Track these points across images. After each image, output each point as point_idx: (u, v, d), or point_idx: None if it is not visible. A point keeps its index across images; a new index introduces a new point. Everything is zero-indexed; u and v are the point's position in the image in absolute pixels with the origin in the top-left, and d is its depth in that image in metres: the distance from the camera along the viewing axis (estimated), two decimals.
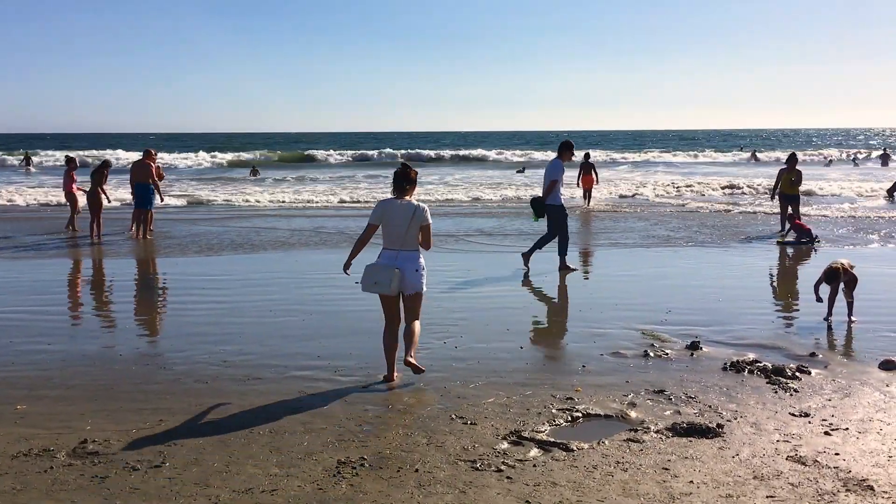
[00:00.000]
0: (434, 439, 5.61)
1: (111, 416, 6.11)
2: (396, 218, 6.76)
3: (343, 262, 7.12)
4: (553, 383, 6.89)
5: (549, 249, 12.71)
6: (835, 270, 8.76)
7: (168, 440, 5.61)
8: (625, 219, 20.75)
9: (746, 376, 7.07)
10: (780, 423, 5.93)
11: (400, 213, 6.75)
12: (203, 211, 23.68)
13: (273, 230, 18.44)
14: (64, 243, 16.56)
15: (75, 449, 5.43)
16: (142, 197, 17.13)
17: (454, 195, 28.46)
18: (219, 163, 50.78)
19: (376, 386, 6.89)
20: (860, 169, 45.33)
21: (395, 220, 6.77)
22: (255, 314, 9.67)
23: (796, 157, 18.04)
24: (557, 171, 12.51)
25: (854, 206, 23.87)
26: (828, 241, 16.02)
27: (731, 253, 14.93)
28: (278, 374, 7.23)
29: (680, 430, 5.75)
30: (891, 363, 7.38)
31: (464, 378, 7.04)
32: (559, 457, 5.30)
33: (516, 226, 19.19)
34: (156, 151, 18.99)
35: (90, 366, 7.57)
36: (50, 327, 9.10)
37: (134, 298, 11.46)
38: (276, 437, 5.69)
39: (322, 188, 32.14)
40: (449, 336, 8.50)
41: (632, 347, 8.02)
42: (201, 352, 7.99)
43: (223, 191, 30.70)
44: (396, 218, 6.76)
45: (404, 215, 6.73)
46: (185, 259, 14.50)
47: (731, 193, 29.20)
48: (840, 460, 5.22)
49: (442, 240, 15.92)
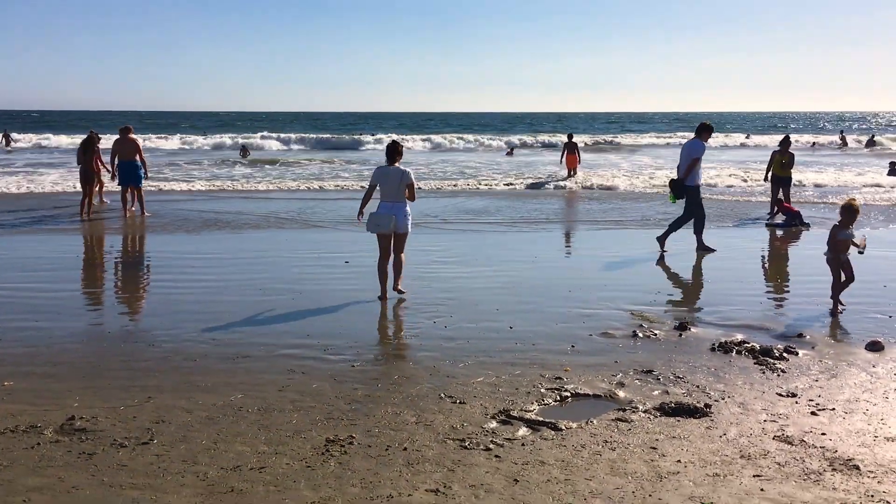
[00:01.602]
0: (423, 418, 5.62)
1: (99, 393, 6.09)
2: (390, 179, 9.09)
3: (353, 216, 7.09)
4: (542, 363, 6.90)
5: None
6: (852, 206, 8.67)
7: (156, 417, 5.60)
8: (610, 200, 20.74)
9: (734, 357, 7.10)
10: (768, 403, 5.96)
11: (392, 176, 9.08)
12: (192, 192, 23.51)
13: (259, 211, 18.35)
14: (53, 220, 16.42)
15: (62, 425, 5.41)
16: (131, 174, 16.73)
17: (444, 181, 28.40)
18: (207, 145, 49.12)
19: (365, 364, 6.89)
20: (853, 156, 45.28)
21: (389, 181, 9.09)
22: (244, 292, 9.63)
23: (789, 140, 18.04)
24: (699, 150, 12.56)
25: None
26: (816, 224, 16.07)
27: (720, 235, 14.94)
28: (267, 352, 7.21)
29: (668, 409, 5.78)
30: (877, 344, 7.42)
31: (453, 357, 7.04)
32: (548, 436, 5.32)
33: (503, 205, 19.18)
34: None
35: (78, 343, 7.54)
36: (37, 304, 9.04)
37: (122, 276, 11.41)
38: (264, 415, 5.68)
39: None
40: (438, 316, 8.50)
41: (620, 328, 8.03)
42: (189, 330, 7.96)
43: (210, 173, 30.48)
44: (390, 179, 9.09)
45: (395, 177, 9.06)
46: (172, 237, 14.41)
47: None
48: (826, 440, 5.26)
49: (429, 220, 15.90)
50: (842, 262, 8.70)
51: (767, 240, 14.65)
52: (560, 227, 15.99)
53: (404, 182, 9.05)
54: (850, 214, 8.69)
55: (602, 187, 23.99)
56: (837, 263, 8.74)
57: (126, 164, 16.73)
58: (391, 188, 9.09)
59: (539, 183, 25.12)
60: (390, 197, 9.09)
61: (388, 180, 9.09)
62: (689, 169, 12.47)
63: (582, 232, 15.40)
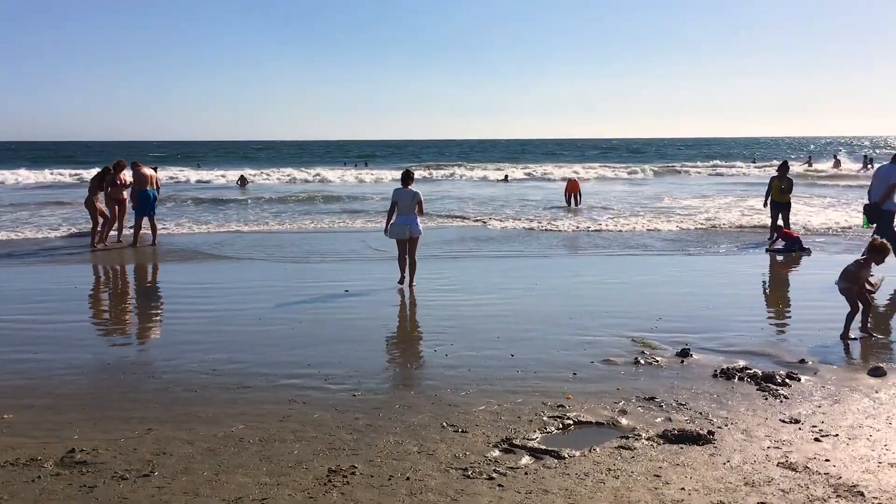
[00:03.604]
0: (425, 447, 5.59)
1: (99, 425, 6.06)
2: (405, 198, 12.00)
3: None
4: (544, 391, 6.88)
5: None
6: (884, 247, 8.63)
7: (157, 449, 5.57)
8: (611, 227, 20.76)
9: (737, 383, 7.08)
10: (771, 429, 5.94)
11: (407, 196, 12.00)
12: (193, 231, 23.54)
13: (258, 240, 18.38)
14: (47, 252, 16.43)
15: (63, 458, 5.38)
16: (147, 203, 17.11)
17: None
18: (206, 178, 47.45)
19: (367, 393, 6.87)
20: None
21: (404, 199, 12.00)
22: (244, 322, 9.62)
23: (787, 166, 18.12)
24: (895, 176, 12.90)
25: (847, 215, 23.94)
26: (817, 248, 16.10)
27: (720, 260, 14.98)
28: (268, 382, 7.19)
29: (671, 437, 5.75)
30: (879, 370, 7.41)
31: (455, 386, 7.02)
32: (550, 464, 5.29)
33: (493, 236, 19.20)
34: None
35: (77, 374, 7.51)
36: (36, 336, 9.03)
37: (121, 306, 11.39)
38: (266, 445, 5.65)
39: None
40: (439, 344, 8.48)
41: (622, 355, 8.02)
42: (190, 360, 7.94)
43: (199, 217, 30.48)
44: (405, 198, 12.00)
45: (409, 196, 11.98)
46: (172, 267, 14.43)
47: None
48: (830, 466, 5.23)
49: (431, 248, 15.95)
50: (857, 293, 8.67)
51: (768, 265, 14.66)
52: (560, 253, 15.99)
53: (415, 200, 11.96)
54: (877, 255, 8.68)
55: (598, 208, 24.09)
56: (854, 294, 8.69)
57: (145, 193, 17.10)
58: (406, 205, 11.94)
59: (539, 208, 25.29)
60: (405, 212, 11.94)
61: (403, 199, 11.95)
62: (886, 194, 12.85)
63: (581, 258, 15.41)
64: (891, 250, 8.75)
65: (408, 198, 11.93)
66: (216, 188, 37.81)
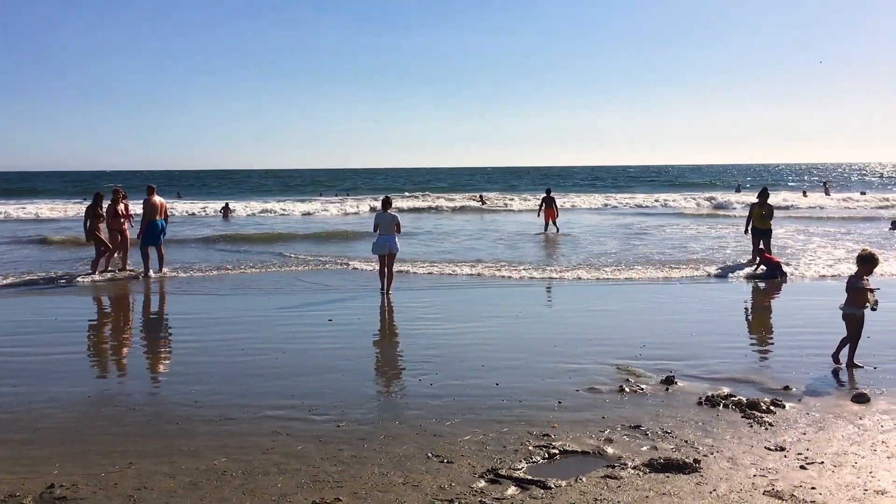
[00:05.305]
0: (410, 479, 5.54)
1: (79, 460, 5.97)
2: (385, 221, 14.47)
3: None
4: (529, 420, 6.85)
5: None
6: (871, 257, 8.65)
7: (138, 484, 5.49)
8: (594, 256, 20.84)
9: (722, 410, 7.08)
10: (756, 457, 5.94)
11: (386, 219, 14.49)
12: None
13: (243, 267, 18.30)
14: (26, 285, 16.26)
15: (42, 494, 5.29)
16: (155, 234, 17.11)
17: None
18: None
19: (351, 424, 6.81)
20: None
21: (384, 222, 14.47)
22: (227, 353, 9.54)
23: (767, 192, 18.31)
24: None
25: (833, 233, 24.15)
26: (796, 273, 16.22)
27: (703, 287, 15.04)
28: (251, 413, 7.12)
29: (657, 465, 5.73)
30: (863, 396, 7.44)
31: (439, 415, 6.98)
32: (537, 494, 5.26)
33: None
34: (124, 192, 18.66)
35: (57, 408, 7.41)
36: (16, 369, 8.91)
37: (103, 338, 11.27)
38: (249, 479, 5.58)
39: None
40: (424, 373, 8.44)
41: (607, 383, 8.01)
42: (172, 392, 7.86)
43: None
44: (385, 221, 14.47)
45: (389, 219, 14.47)
46: (155, 298, 14.32)
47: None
48: (816, 494, 5.23)
49: (413, 277, 15.91)
50: (858, 319, 8.67)
51: (750, 292, 14.74)
52: (543, 281, 16.01)
53: (394, 222, 14.48)
54: (865, 264, 8.69)
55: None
56: (855, 319, 8.68)
57: (154, 224, 17.14)
58: (386, 226, 14.40)
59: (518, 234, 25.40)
60: (385, 232, 14.34)
61: (384, 221, 14.44)
62: None
63: (565, 286, 15.42)
64: (879, 260, 8.82)
65: (388, 220, 14.42)
66: (200, 221, 37.62)
